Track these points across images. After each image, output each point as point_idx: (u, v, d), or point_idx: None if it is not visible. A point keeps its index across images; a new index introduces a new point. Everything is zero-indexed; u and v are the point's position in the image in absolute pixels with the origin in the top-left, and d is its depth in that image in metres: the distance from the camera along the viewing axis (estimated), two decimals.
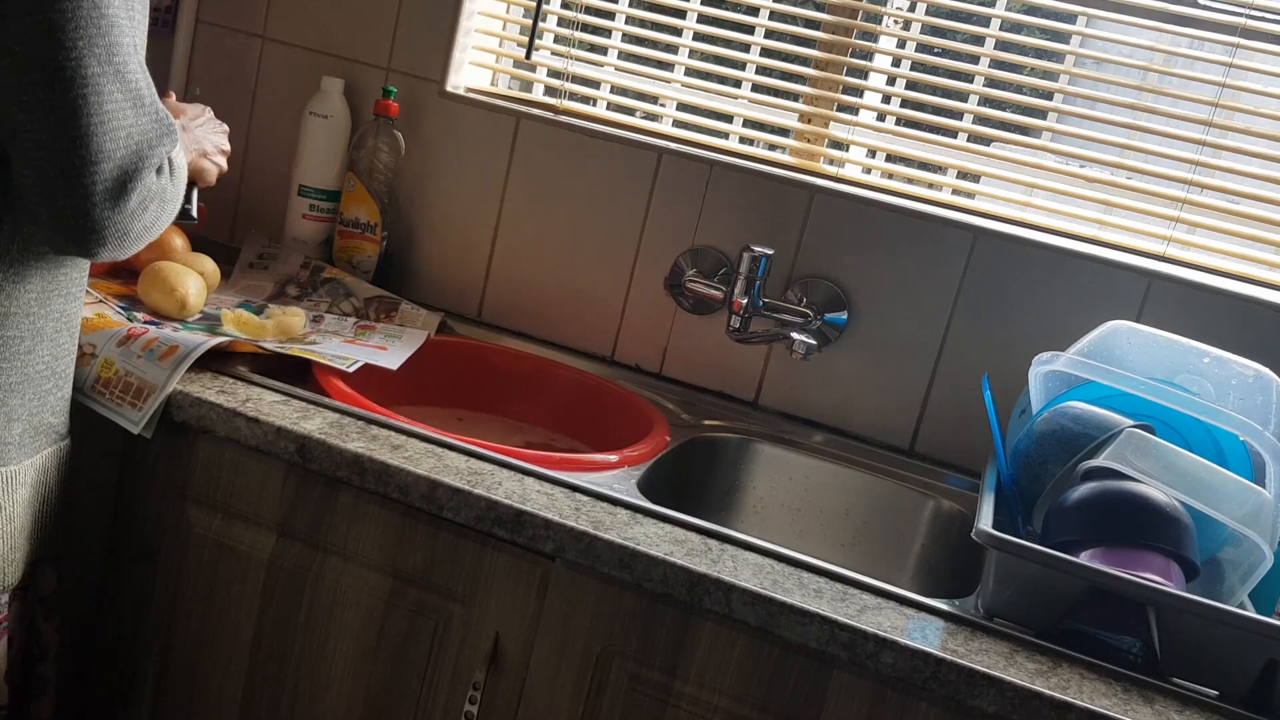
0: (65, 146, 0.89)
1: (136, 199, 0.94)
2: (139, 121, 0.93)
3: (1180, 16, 1.44)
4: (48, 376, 1.05)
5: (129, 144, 0.93)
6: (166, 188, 0.99)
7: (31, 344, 1.02)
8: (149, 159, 0.95)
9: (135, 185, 0.94)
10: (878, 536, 1.46)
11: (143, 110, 0.93)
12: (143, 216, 0.97)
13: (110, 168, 0.91)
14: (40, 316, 1.02)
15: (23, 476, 1.05)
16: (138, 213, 0.96)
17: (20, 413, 1.03)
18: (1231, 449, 1.19)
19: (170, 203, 1.02)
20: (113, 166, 0.92)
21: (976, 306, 1.48)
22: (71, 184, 0.90)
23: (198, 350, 1.20)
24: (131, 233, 0.97)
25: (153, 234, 1.01)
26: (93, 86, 0.89)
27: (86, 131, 0.89)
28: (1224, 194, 1.45)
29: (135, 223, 0.96)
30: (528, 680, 1.12)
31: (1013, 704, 0.96)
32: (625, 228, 1.62)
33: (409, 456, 1.13)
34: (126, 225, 0.95)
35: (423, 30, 1.68)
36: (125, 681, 1.28)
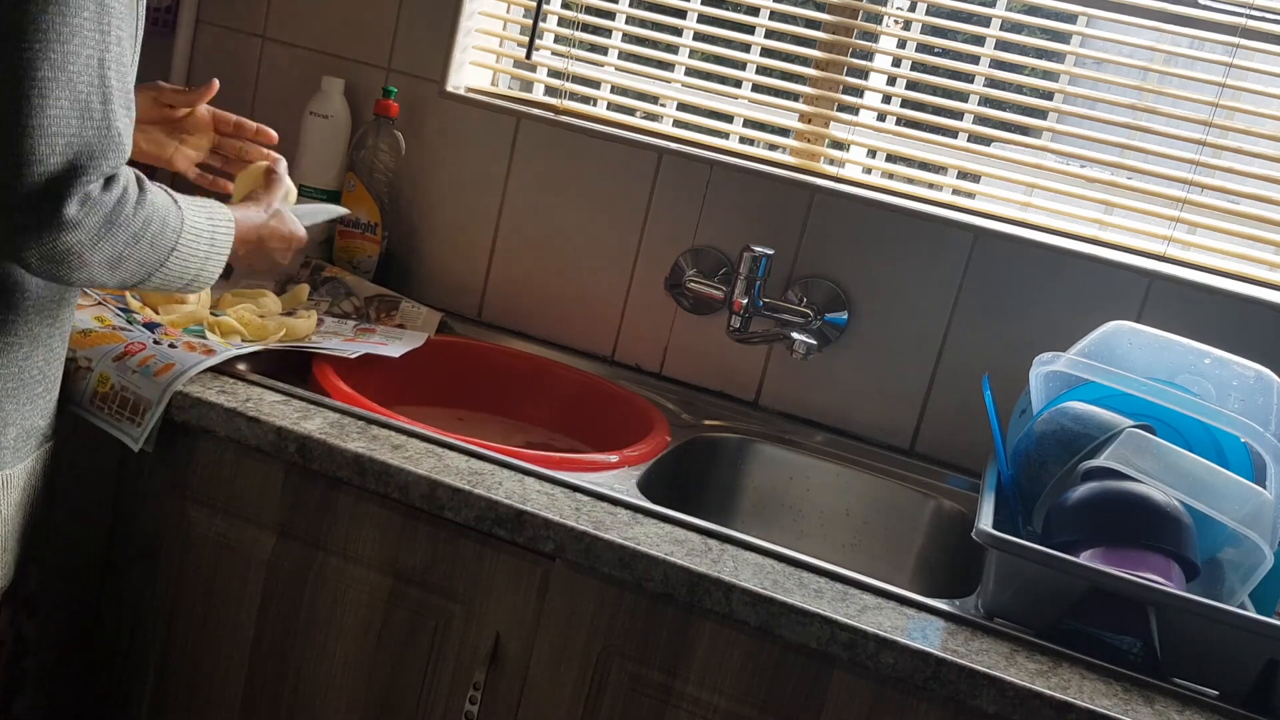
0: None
1: (76, 211, 0.90)
2: (82, 133, 0.90)
3: (1180, 16, 1.44)
4: (39, 380, 1.05)
5: (66, 152, 0.89)
6: (128, 215, 0.95)
7: (29, 350, 1.02)
8: (86, 170, 0.91)
9: (69, 194, 0.90)
10: (878, 536, 1.46)
11: (89, 122, 0.91)
12: (101, 242, 0.93)
13: (40, 171, 0.88)
14: (37, 323, 1.02)
15: (16, 480, 1.06)
16: (88, 232, 0.92)
17: (14, 417, 1.03)
18: (1232, 449, 1.19)
19: (146, 240, 0.98)
20: (43, 171, 0.89)
21: (976, 306, 1.48)
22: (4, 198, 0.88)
23: (194, 368, 1.20)
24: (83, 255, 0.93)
25: (125, 269, 0.98)
26: (38, 89, 0.87)
27: (22, 132, 0.87)
28: (1224, 194, 1.45)
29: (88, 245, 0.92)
30: (528, 680, 1.12)
31: (1013, 704, 0.96)
32: (625, 228, 1.62)
33: (409, 456, 1.13)
34: (69, 242, 0.91)
35: (423, 30, 1.68)
36: (125, 681, 1.28)
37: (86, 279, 0.97)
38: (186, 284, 1.08)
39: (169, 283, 1.06)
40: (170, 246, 1.02)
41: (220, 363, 1.24)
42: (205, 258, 1.08)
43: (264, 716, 1.23)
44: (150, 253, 1.00)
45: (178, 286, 1.07)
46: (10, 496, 1.06)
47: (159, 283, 1.04)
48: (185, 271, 1.06)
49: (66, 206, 0.90)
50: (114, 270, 0.98)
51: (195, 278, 1.08)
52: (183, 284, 1.07)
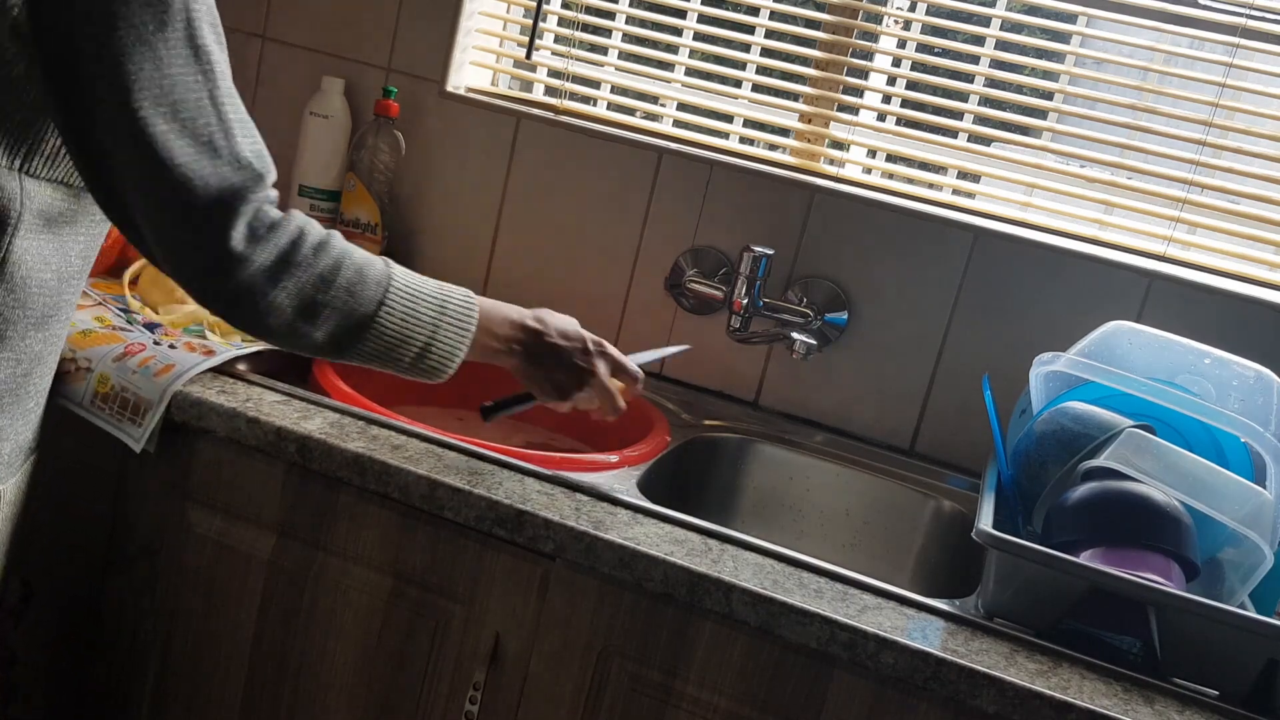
0: (153, 203, 0.92)
1: (243, 245, 0.93)
2: (218, 170, 0.93)
3: (1180, 16, 1.44)
4: (32, 396, 1.05)
5: (210, 193, 0.92)
6: (306, 255, 0.97)
7: (29, 366, 1.02)
8: (236, 204, 0.94)
9: (230, 230, 0.93)
10: (878, 536, 1.46)
11: (221, 160, 0.93)
12: (282, 279, 0.95)
13: (197, 216, 0.92)
14: (38, 340, 1.01)
15: (9, 495, 1.06)
16: (261, 267, 0.94)
17: (9, 432, 1.02)
18: (1232, 449, 1.19)
19: (341, 287, 0.99)
20: (199, 215, 0.92)
21: (976, 306, 1.48)
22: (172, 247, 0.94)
23: (194, 369, 1.20)
24: (266, 293, 0.95)
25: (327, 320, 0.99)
26: (161, 144, 0.90)
27: (170, 188, 0.91)
28: (1224, 194, 1.45)
29: (266, 282, 0.95)
30: (528, 680, 1.12)
31: (1013, 704, 0.96)
32: (625, 227, 1.62)
33: (409, 456, 1.13)
34: (244, 279, 0.94)
35: (423, 30, 1.68)
36: (125, 681, 1.28)
37: (288, 328, 0.98)
38: (417, 357, 1.04)
39: (391, 351, 1.03)
40: (376, 300, 1.01)
41: (220, 363, 1.24)
42: (433, 326, 1.04)
43: (264, 716, 1.23)
44: (350, 301, 1.00)
45: (406, 360, 1.04)
46: (3, 511, 1.06)
47: (377, 349, 1.02)
48: (406, 336, 1.03)
49: (231, 242, 0.93)
50: (313, 321, 0.98)
51: (425, 350, 1.04)
52: (411, 355, 1.04)
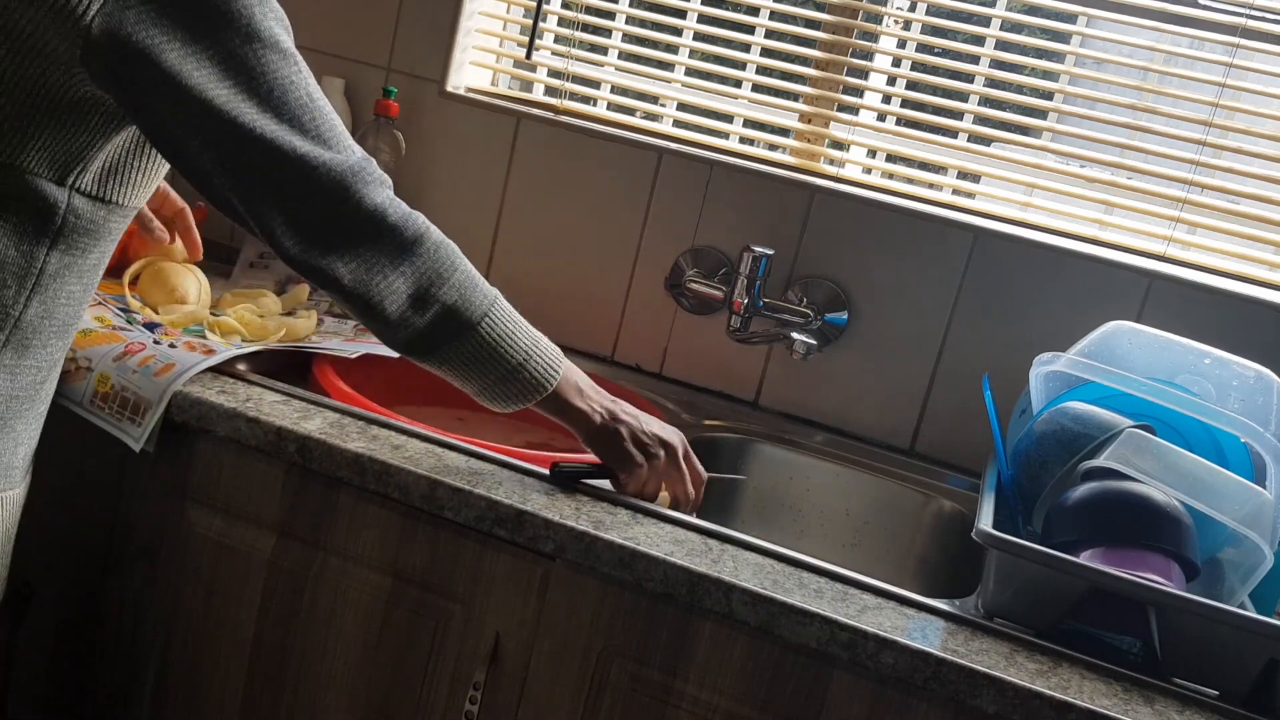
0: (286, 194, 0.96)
1: (382, 194, 0.99)
2: (334, 153, 0.97)
3: (1180, 16, 1.44)
4: (43, 400, 1.06)
5: (334, 167, 0.97)
6: (432, 239, 1.02)
7: (46, 374, 1.04)
8: (368, 172, 0.99)
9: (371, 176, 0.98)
10: (878, 536, 1.46)
11: (335, 148, 0.97)
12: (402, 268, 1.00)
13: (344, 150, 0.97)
14: (57, 348, 1.04)
15: (20, 499, 1.07)
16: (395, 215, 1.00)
17: (24, 437, 1.04)
18: (1232, 449, 1.19)
19: (457, 280, 1.03)
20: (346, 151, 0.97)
21: (976, 306, 1.48)
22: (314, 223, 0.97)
23: (194, 368, 1.20)
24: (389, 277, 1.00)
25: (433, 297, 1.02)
26: (270, 144, 0.94)
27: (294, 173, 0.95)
28: (1224, 194, 1.45)
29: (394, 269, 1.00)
30: (528, 680, 1.12)
31: (1013, 704, 0.96)
32: (625, 228, 1.62)
33: (409, 456, 1.13)
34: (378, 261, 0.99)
35: (423, 30, 1.68)
36: (125, 682, 1.28)
37: (398, 314, 1.02)
38: (506, 376, 1.07)
39: (486, 365, 1.06)
40: (483, 310, 1.05)
41: (220, 362, 1.24)
42: (525, 355, 1.07)
43: (264, 716, 1.23)
44: (461, 301, 1.03)
45: (494, 377, 1.07)
46: (14, 516, 1.06)
47: (469, 354, 1.05)
48: (502, 352, 1.06)
49: (375, 200, 0.99)
50: (423, 313, 1.02)
51: (509, 375, 1.07)
52: (502, 374, 1.06)
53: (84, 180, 0.96)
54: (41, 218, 0.95)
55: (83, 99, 0.92)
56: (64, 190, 0.95)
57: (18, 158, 0.92)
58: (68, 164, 0.95)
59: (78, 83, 0.91)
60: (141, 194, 1.04)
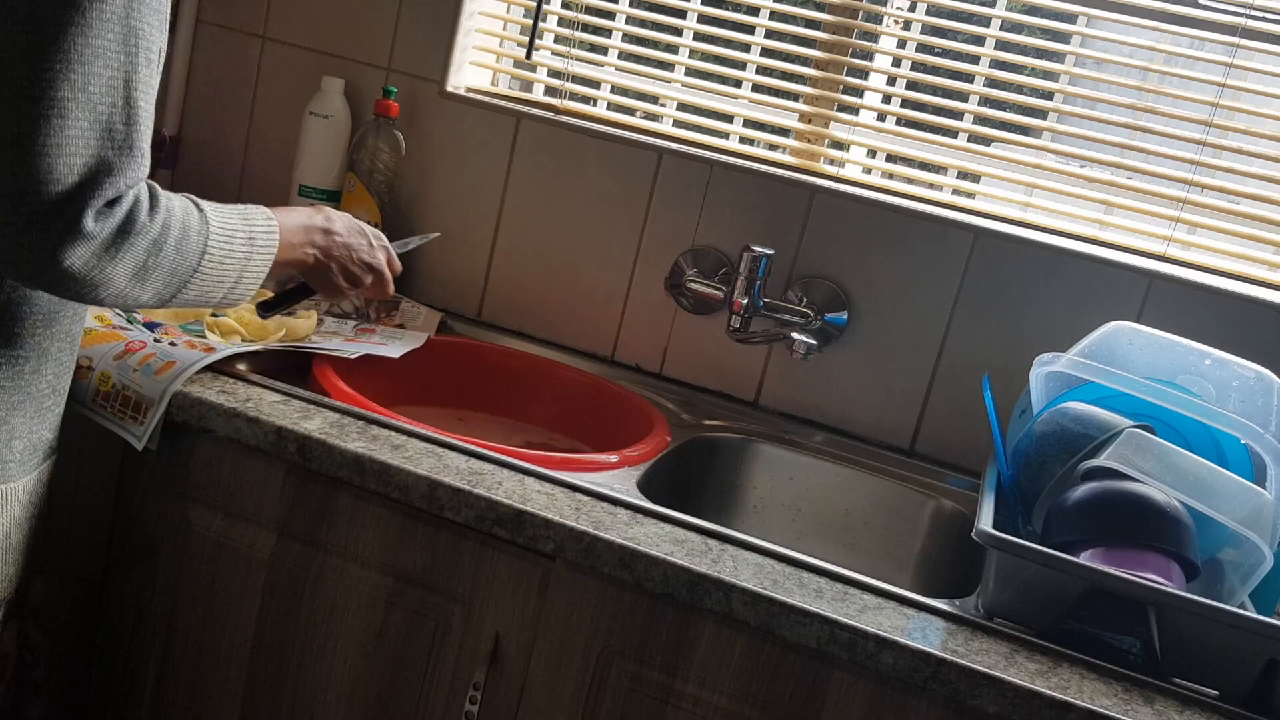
0: (13, 163, 0.87)
1: (92, 224, 0.90)
2: (101, 152, 0.90)
3: (1180, 16, 1.44)
4: (48, 394, 1.05)
5: (83, 171, 0.89)
6: (143, 222, 0.94)
7: (37, 364, 1.02)
8: (102, 185, 0.91)
9: (85, 209, 0.89)
10: (878, 536, 1.46)
11: (110, 142, 0.91)
12: (120, 253, 0.93)
13: (57, 190, 0.88)
14: (46, 337, 1.02)
15: (21, 493, 1.06)
16: (103, 243, 0.91)
17: (21, 430, 1.03)
18: (1232, 450, 1.19)
19: (170, 246, 0.97)
20: (59, 189, 0.88)
21: (976, 306, 1.48)
22: (13, 204, 0.88)
23: (194, 366, 1.20)
24: (104, 269, 0.92)
25: (155, 280, 0.96)
26: (57, 109, 0.87)
27: (40, 151, 0.87)
28: (1224, 194, 1.45)
29: (106, 257, 0.92)
30: (528, 680, 1.12)
31: (1013, 704, 0.96)
32: (625, 228, 1.62)
33: (409, 456, 1.13)
34: (85, 255, 0.90)
35: (423, 30, 1.68)
36: (125, 681, 1.28)
37: (117, 296, 0.95)
38: (229, 291, 1.05)
39: (209, 293, 1.03)
40: (199, 250, 1.00)
41: (220, 360, 1.24)
42: (245, 259, 1.05)
43: (264, 716, 1.23)
44: (178, 259, 0.98)
45: (219, 296, 1.04)
46: (13, 510, 1.05)
47: (198, 294, 1.02)
48: (223, 276, 1.03)
49: (84, 220, 0.89)
50: (142, 283, 0.96)
51: (237, 282, 1.05)
52: (224, 291, 1.04)
53: None
54: None
55: None
56: None
57: None
58: None
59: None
60: None
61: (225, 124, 1.79)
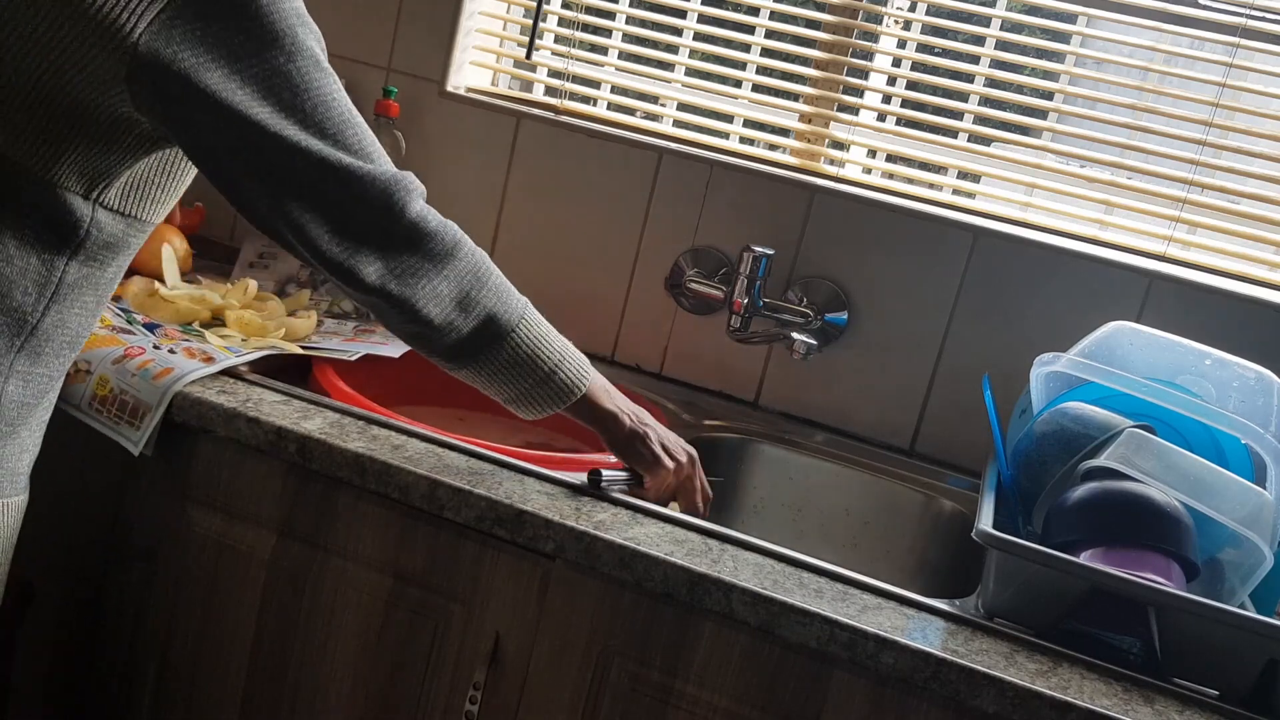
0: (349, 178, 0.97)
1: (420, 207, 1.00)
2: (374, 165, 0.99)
3: (1180, 16, 1.44)
4: (47, 409, 1.07)
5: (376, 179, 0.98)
6: (466, 246, 1.04)
7: (54, 382, 1.05)
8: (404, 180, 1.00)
9: (409, 196, 0.99)
10: (878, 536, 1.46)
11: (375, 160, 0.99)
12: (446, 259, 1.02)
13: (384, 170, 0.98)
14: (67, 359, 1.05)
15: (23, 505, 1.07)
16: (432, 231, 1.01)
17: (29, 444, 1.05)
18: (1232, 450, 1.19)
19: (491, 284, 1.05)
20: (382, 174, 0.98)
21: (976, 306, 1.48)
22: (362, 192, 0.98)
23: (192, 374, 1.20)
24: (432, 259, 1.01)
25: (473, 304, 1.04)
26: (352, 127, 0.98)
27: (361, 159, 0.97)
28: (1224, 194, 1.45)
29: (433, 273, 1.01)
30: (528, 680, 1.12)
31: (1013, 704, 0.96)
32: (625, 228, 1.62)
33: (409, 456, 1.13)
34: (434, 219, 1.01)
35: (423, 30, 1.68)
36: (125, 681, 1.28)
37: (443, 318, 1.03)
38: (543, 380, 1.08)
39: (524, 369, 1.07)
40: (519, 310, 1.07)
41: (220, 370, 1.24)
42: (560, 354, 1.09)
43: (264, 716, 1.23)
44: (499, 304, 1.05)
45: (531, 381, 1.08)
46: (17, 522, 1.07)
47: (510, 359, 1.06)
48: (539, 355, 1.07)
49: (411, 211, 0.99)
50: (466, 313, 1.03)
51: (552, 373, 1.08)
52: (540, 378, 1.08)
53: (108, 195, 0.98)
54: (66, 229, 0.96)
55: (119, 119, 0.94)
56: (89, 204, 0.97)
57: (49, 171, 0.94)
58: (95, 179, 0.96)
59: (116, 102, 0.92)
60: (162, 210, 1.06)
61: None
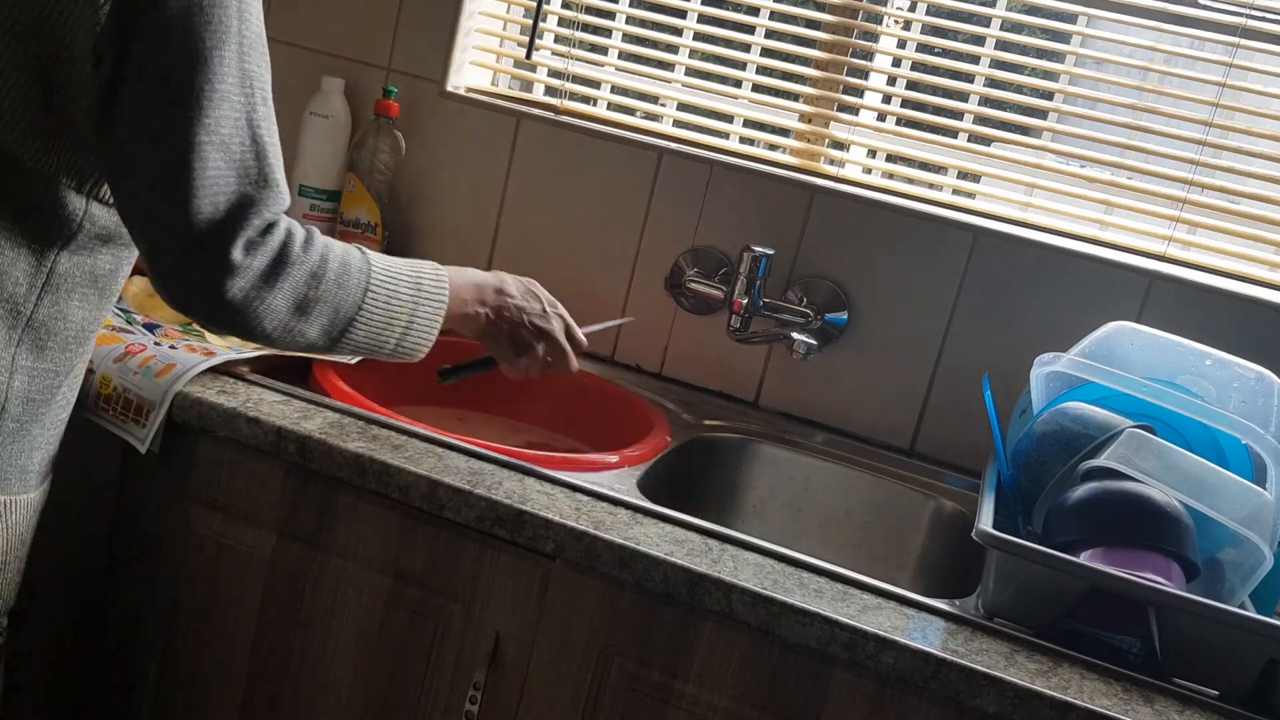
0: (163, 206, 0.93)
1: (241, 256, 0.94)
2: (241, 188, 0.95)
3: (1180, 16, 1.44)
4: (63, 407, 1.07)
5: (226, 206, 0.95)
6: (297, 253, 0.98)
7: (62, 378, 1.04)
8: (247, 217, 0.96)
9: (233, 241, 0.94)
10: (878, 536, 1.46)
11: (247, 178, 0.96)
12: (278, 282, 0.97)
13: (203, 224, 0.93)
14: (75, 354, 1.04)
15: (36, 503, 1.07)
16: (259, 273, 0.96)
17: (40, 441, 1.04)
18: (1232, 450, 1.19)
19: (330, 279, 1.01)
20: (206, 222, 0.94)
21: (976, 306, 1.48)
22: (167, 243, 0.95)
23: (194, 369, 1.20)
24: (264, 298, 0.97)
25: (319, 314, 1.01)
26: (196, 153, 0.93)
27: (186, 194, 0.93)
28: (1224, 194, 1.45)
29: (264, 288, 0.96)
30: (528, 680, 1.12)
31: (1013, 704, 0.96)
32: (625, 228, 1.62)
33: (409, 456, 1.13)
34: (243, 286, 0.95)
35: (423, 30, 1.68)
36: (125, 681, 1.28)
37: (283, 330, 1.00)
38: (400, 338, 1.08)
39: (378, 336, 1.06)
40: (362, 286, 1.04)
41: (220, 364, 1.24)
42: (413, 304, 1.08)
43: (264, 716, 1.23)
44: (339, 293, 1.02)
45: (391, 343, 1.07)
46: (29, 519, 1.07)
47: (366, 336, 1.05)
48: (391, 319, 1.06)
49: (232, 251, 0.94)
50: (305, 316, 1.00)
51: (408, 329, 1.08)
52: (395, 337, 1.07)
53: (102, 189, 0.98)
54: (59, 222, 0.97)
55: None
56: (82, 198, 0.97)
57: (44, 165, 0.94)
58: (87, 173, 0.96)
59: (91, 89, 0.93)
60: None
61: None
